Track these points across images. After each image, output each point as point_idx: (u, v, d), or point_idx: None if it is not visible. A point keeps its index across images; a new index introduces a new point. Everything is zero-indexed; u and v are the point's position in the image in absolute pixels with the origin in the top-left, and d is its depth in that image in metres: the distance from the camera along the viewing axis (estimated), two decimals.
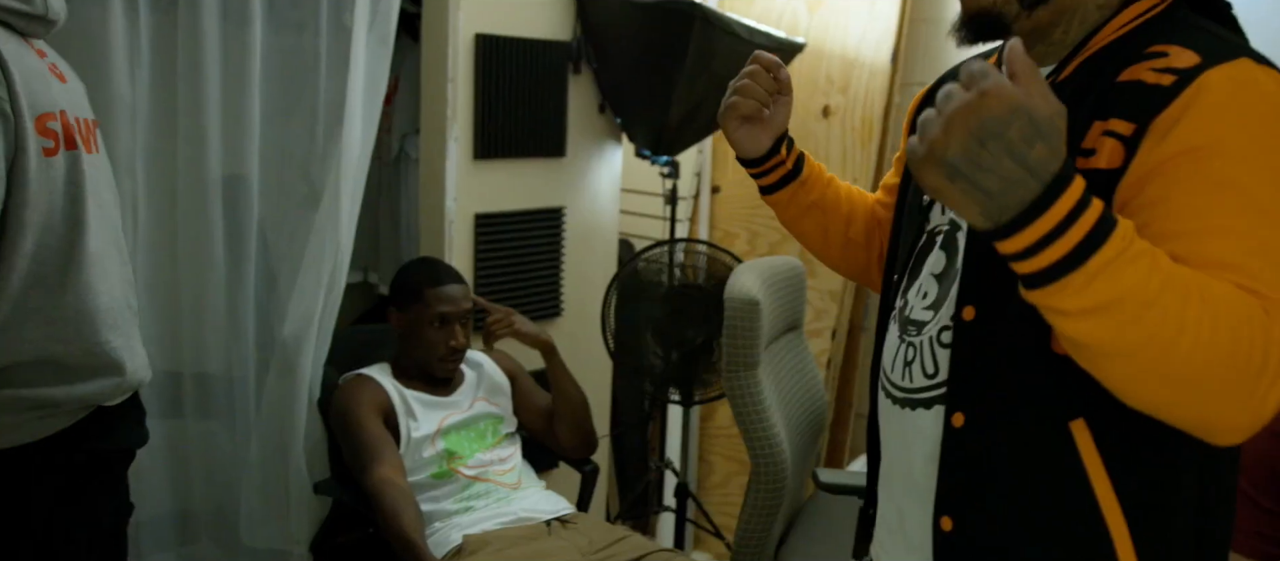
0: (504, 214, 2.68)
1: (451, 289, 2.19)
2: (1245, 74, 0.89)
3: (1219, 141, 0.86)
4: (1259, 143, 0.86)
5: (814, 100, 3.16)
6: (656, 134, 2.76)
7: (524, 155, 2.70)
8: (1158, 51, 0.93)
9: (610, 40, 2.70)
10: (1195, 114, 0.88)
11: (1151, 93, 0.90)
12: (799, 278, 2.44)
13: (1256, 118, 0.87)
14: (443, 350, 2.17)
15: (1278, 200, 0.85)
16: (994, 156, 0.77)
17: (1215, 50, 0.91)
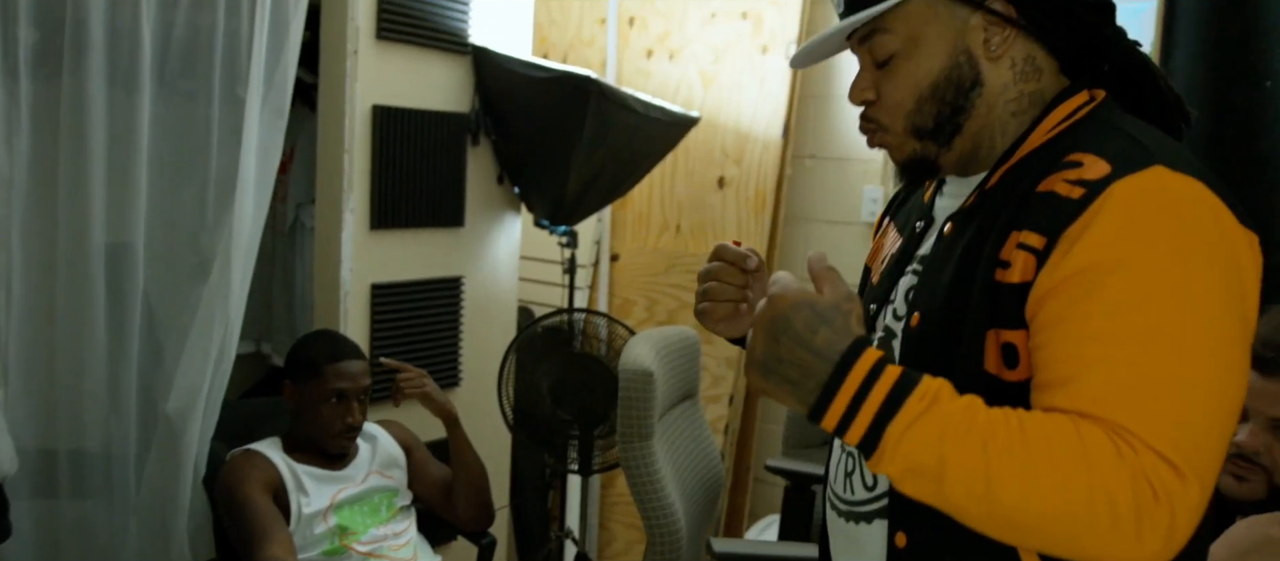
0: (401, 284, 2.66)
1: (351, 365, 2.16)
2: (1153, 184, 0.85)
3: (1116, 260, 0.84)
4: (1157, 262, 0.83)
5: (709, 172, 3.25)
6: (555, 204, 2.80)
7: (422, 225, 2.70)
8: (1074, 160, 0.90)
9: (509, 112, 2.74)
10: (1096, 229, 0.85)
11: (1062, 205, 0.88)
12: (693, 347, 2.49)
13: (1157, 233, 0.84)
14: (338, 427, 2.13)
15: (1169, 325, 0.82)
16: (788, 349, 0.85)
17: (1129, 158, 0.88)
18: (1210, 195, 0.85)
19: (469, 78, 2.74)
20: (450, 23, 2.65)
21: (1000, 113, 1.00)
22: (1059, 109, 0.98)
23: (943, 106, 0.99)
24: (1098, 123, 0.95)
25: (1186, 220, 0.84)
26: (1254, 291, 0.87)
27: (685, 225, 3.32)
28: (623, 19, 3.44)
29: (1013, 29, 0.97)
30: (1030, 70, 0.99)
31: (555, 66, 2.74)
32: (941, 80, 0.99)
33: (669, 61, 3.33)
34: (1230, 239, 0.85)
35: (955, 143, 1.01)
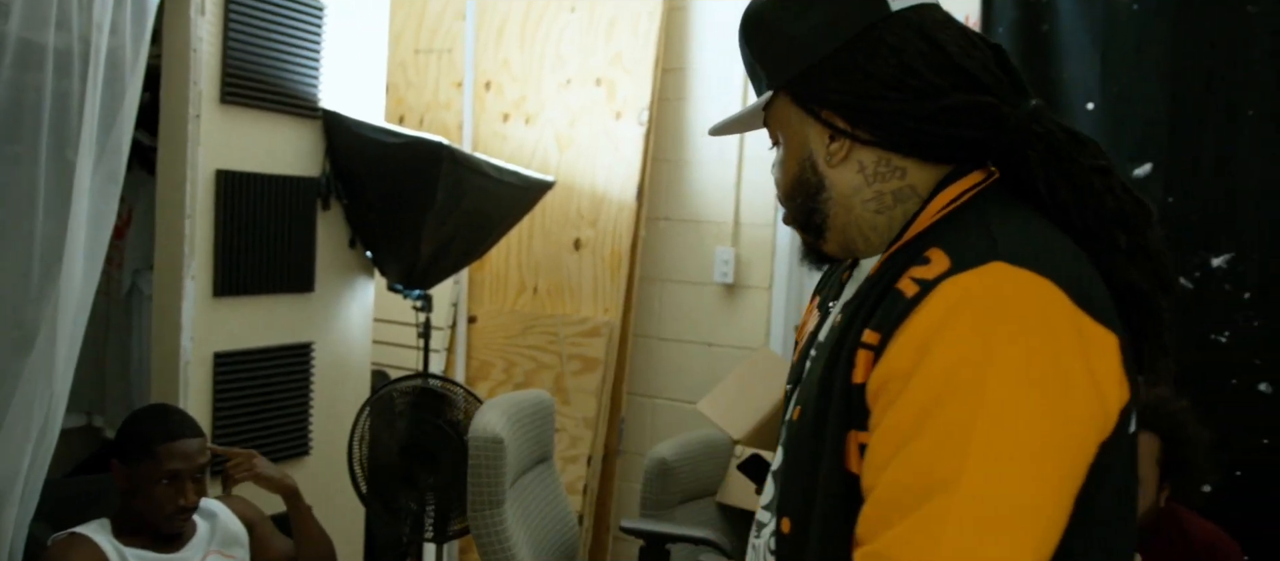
0: (247, 351, 2.59)
1: (186, 444, 2.05)
2: (982, 281, 0.82)
3: (925, 361, 0.81)
4: (963, 360, 0.80)
5: (566, 233, 3.30)
6: (408, 268, 2.78)
7: (269, 291, 2.63)
8: (926, 255, 0.87)
9: (360, 177, 2.72)
10: (914, 329, 0.83)
11: (898, 302, 0.86)
12: (547, 410, 2.50)
13: (970, 332, 0.81)
14: (170, 509, 2.02)
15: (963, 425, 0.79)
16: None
17: (974, 252, 0.84)
18: (1052, 290, 0.81)
19: (319, 142, 2.71)
20: (299, 87, 2.62)
21: (859, 212, 0.97)
22: (945, 193, 0.93)
23: (800, 207, 1.01)
24: (967, 212, 0.91)
25: (1006, 315, 0.80)
26: (1087, 388, 0.81)
27: (542, 286, 3.35)
28: (479, 83, 3.47)
29: (847, 140, 0.95)
30: (886, 170, 0.95)
31: (407, 132, 2.74)
32: (795, 183, 1.00)
33: (525, 125, 3.38)
34: (1058, 333, 0.81)
35: (828, 236, 1.01)
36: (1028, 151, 0.89)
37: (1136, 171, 2.22)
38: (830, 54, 0.94)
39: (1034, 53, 2.31)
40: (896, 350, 0.83)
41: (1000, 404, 0.78)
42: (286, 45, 2.58)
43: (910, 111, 0.92)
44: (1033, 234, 0.87)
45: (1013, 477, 0.78)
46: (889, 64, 0.92)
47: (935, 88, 0.91)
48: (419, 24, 3.61)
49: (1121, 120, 2.21)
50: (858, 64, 0.93)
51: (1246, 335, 2.14)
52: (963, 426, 0.78)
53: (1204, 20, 2.13)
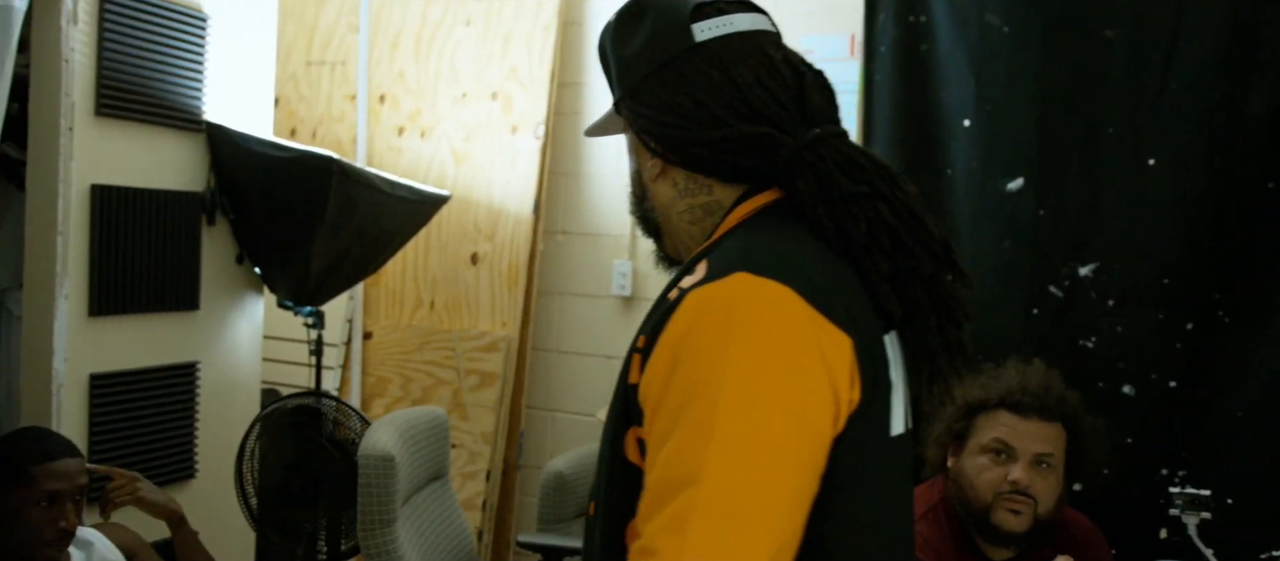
0: (126, 373, 2.49)
1: (65, 463, 1.95)
2: (721, 290, 0.89)
3: (675, 366, 0.88)
4: (705, 363, 0.87)
5: (463, 247, 3.27)
6: (299, 284, 2.73)
7: (151, 310, 2.55)
8: (695, 266, 0.95)
9: (248, 192, 2.66)
10: (668, 335, 0.90)
11: (662, 307, 0.93)
12: (441, 427, 2.48)
13: (710, 337, 0.88)
14: (51, 533, 1.91)
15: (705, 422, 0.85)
16: None
17: (724, 263, 0.92)
18: (788, 295, 0.88)
19: (203, 156, 2.63)
20: (180, 100, 2.55)
21: (677, 222, 1.06)
22: (739, 209, 1.01)
23: (637, 210, 1.11)
24: (741, 229, 0.99)
25: (743, 319, 0.88)
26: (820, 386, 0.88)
27: (439, 301, 3.32)
28: (373, 96, 3.43)
29: (659, 160, 1.04)
30: (695, 187, 1.04)
31: (296, 146, 2.69)
32: (634, 185, 1.11)
33: (421, 139, 3.35)
34: (793, 335, 0.88)
35: (661, 240, 1.11)
36: (795, 179, 0.97)
37: (1010, 186, 2.32)
38: (642, 80, 1.03)
39: (914, 72, 2.39)
40: (657, 356, 0.91)
41: (737, 400, 0.86)
42: (166, 56, 2.51)
43: (696, 138, 1.00)
44: (783, 247, 0.94)
45: (750, 469, 0.85)
46: (682, 94, 1.00)
47: (718, 118, 0.99)
48: (311, 36, 3.55)
49: (995, 137, 2.31)
50: (659, 92, 1.02)
51: (1111, 340, 2.25)
52: (705, 424, 0.86)
53: (1068, 44, 2.24)
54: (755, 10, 1.05)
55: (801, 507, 0.88)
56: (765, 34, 1.03)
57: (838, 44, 2.89)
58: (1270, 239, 2.14)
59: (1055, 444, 1.89)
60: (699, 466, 0.85)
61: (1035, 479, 1.84)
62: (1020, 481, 1.83)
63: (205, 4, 2.61)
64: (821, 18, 2.89)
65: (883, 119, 2.44)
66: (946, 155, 2.37)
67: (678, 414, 0.87)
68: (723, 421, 0.85)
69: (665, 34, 1.02)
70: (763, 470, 0.86)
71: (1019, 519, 1.84)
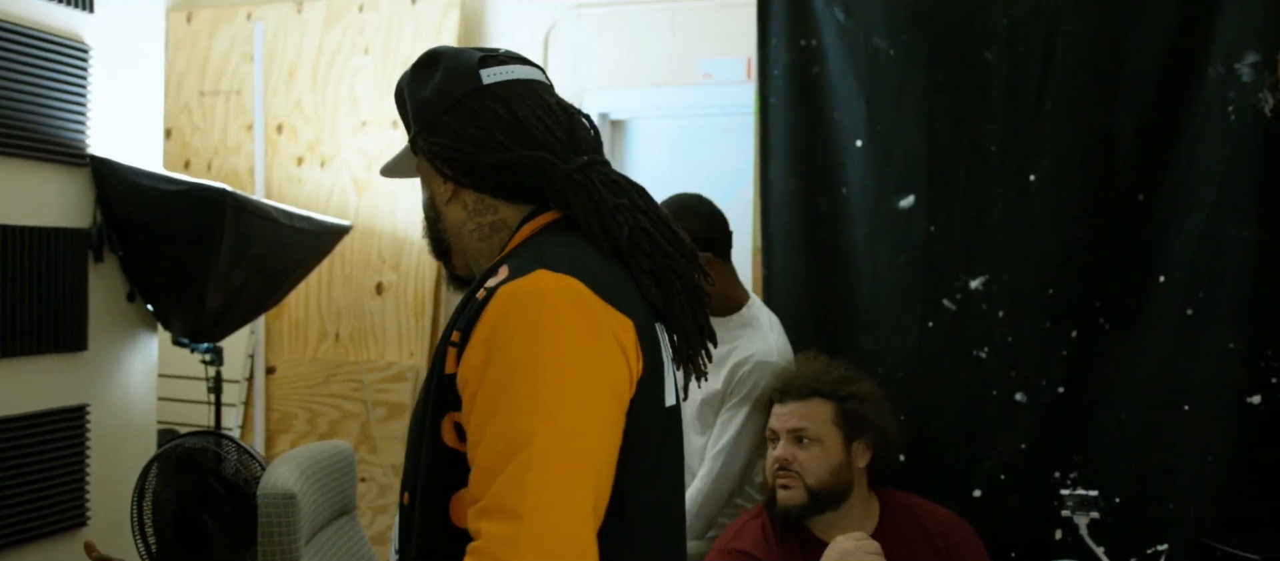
0: (9, 419, 2.39)
1: None
2: (527, 284, 1.05)
3: (493, 352, 1.03)
4: (520, 344, 1.02)
5: (367, 277, 3.23)
6: (195, 321, 2.65)
7: (36, 352, 2.44)
8: (497, 270, 1.10)
9: (137, 227, 2.57)
10: (483, 326, 1.05)
11: (473, 305, 1.08)
12: (347, 461, 2.42)
13: (522, 323, 1.03)
14: None
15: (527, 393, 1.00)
16: None
17: (523, 265, 1.08)
18: (580, 287, 1.06)
19: (89, 191, 2.54)
20: (63, 133, 2.46)
21: (468, 239, 1.23)
22: (528, 226, 1.19)
23: (430, 233, 1.27)
24: (532, 239, 1.17)
25: (548, 307, 1.04)
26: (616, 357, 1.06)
27: (345, 332, 3.26)
28: (270, 126, 3.36)
29: (452, 185, 1.21)
30: (482, 207, 1.21)
31: (186, 178, 2.62)
32: (425, 215, 1.27)
33: (321, 169, 3.29)
34: (588, 316, 1.05)
35: (450, 258, 1.27)
36: (569, 195, 1.16)
37: (902, 203, 2.40)
38: (438, 116, 1.20)
39: (807, 94, 2.45)
40: (472, 346, 1.05)
41: (553, 372, 1.01)
42: (46, 88, 2.42)
43: (483, 162, 1.18)
44: (571, 251, 1.12)
45: (572, 430, 1.01)
46: (472, 125, 1.19)
47: (502, 144, 1.18)
48: (204, 65, 3.47)
49: (886, 156, 2.38)
50: (452, 125, 1.19)
51: (1002, 350, 2.34)
52: (527, 396, 1.00)
53: (951, 66, 2.33)
54: (532, 65, 1.25)
55: (612, 463, 1.05)
56: (541, 83, 1.24)
57: (735, 68, 2.94)
58: (1143, 248, 2.25)
59: (812, 418, 2.03)
60: (529, 430, 0.99)
61: (796, 453, 2.02)
62: (781, 458, 2.03)
63: (87, 35, 2.53)
64: (718, 42, 2.94)
65: (779, 140, 2.49)
66: (842, 174, 2.43)
67: (499, 391, 1.01)
68: (543, 391, 1.00)
69: (457, 77, 1.20)
70: (582, 429, 1.02)
71: (790, 493, 2.01)
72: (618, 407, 1.06)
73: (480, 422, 1.02)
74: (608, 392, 1.05)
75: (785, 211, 2.49)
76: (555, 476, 0.98)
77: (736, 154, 3.02)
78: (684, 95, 3.02)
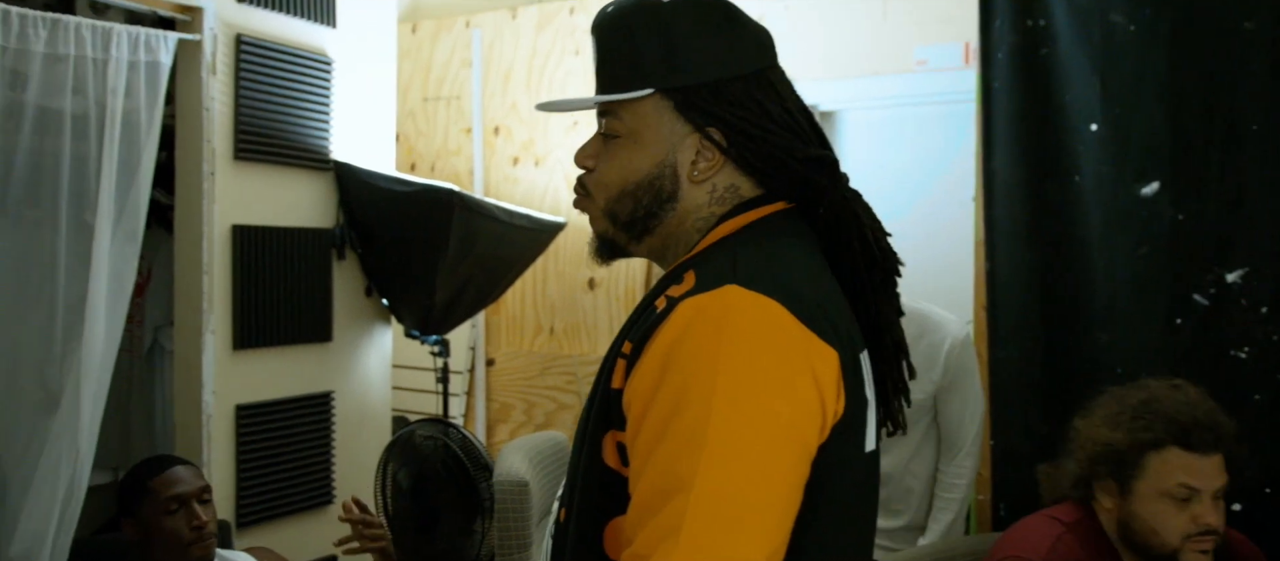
0: (268, 403, 2.61)
1: (177, 470, 1.98)
2: (712, 302, 0.90)
3: (665, 375, 0.88)
4: (696, 373, 0.87)
5: (580, 273, 3.32)
6: (424, 314, 2.81)
7: (288, 342, 2.66)
8: (684, 276, 0.96)
9: (374, 226, 2.76)
10: (657, 344, 0.90)
11: (650, 316, 0.94)
12: (564, 451, 2.51)
13: (701, 347, 0.88)
14: (188, 534, 1.94)
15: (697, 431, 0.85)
16: None
17: (713, 276, 0.93)
18: (778, 309, 0.90)
19: (332, 193, 2.75)
20: (310, 141, 2.67)
21: (688, 227, 1.04)
22: (725, 225, 1.02)
23: (638, 206, 1.03)
24: (728, 242, 1.00)
25: (733, 332, 0.88)
26: (809, 398, 0.90)
27: (558, 327, 3.37)
28: (488, 129, 3.52)
29: (722, 158, 1.02)
30: (729, 196, 1.03)
31: (418, 180, 2.78)
32: (644, 182, 1.03)
33: (535, 168, 3.42)
34: (782, 348, 0.89)
35: (645, 240, 1.06)
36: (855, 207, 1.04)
37: (1144, 190, 2.22)
38: (729, 79, 1.01)
39: (1034, 77, 2.32)
40: (644, 364, 0.91)
41: (729, 409, 0.86)
42: (296, 100, 2.63)
43: (789, 149, 1.01)
44: (775, 262, 0.96)
45: (741, 477, 0.86)
46: (777, 106, 1.02)
47: (807, 136, 1.03)
48: (426, 73, 3.67)
49: (1124, 140, 2.21)
50: (754, 96, 1.01)
51: (1266, 349, 2.13)
52: (697, 431, 0.86)
53: (1202, 40, 2.14)
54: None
55: (788, 517, 0.89)
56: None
57: (952, 53, 2.83)
58: None
59: (1224, 472, 1.76)
60: (691, 473, 0.85)
61: (1217, 514, 1.73)
62: (1213, 525, 1.71)
63: (330, 48, 2.73)
64: (934, 27, 2.84)
65: (1003, 126, 2.37)
66: (1073, 160, 2.28)
67: (667, 420, 0.87)
68: (715, 429, 0.86)
69: (760, 43, 1.04)
70: (753, 477, 0.86)
71: (1207, 557, 1.73)
72: (802, 455, 0.90)
73: (643, 452, 0.89)
74: (792, 437, 0.89)
75: (1011, 201, 2.37)
76: (716, 530, 0.84)
77: (953, 143, 2.91)
78: (896, 84, 2.93)
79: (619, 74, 1.03)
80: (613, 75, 1.04)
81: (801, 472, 0.90)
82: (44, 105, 2.10)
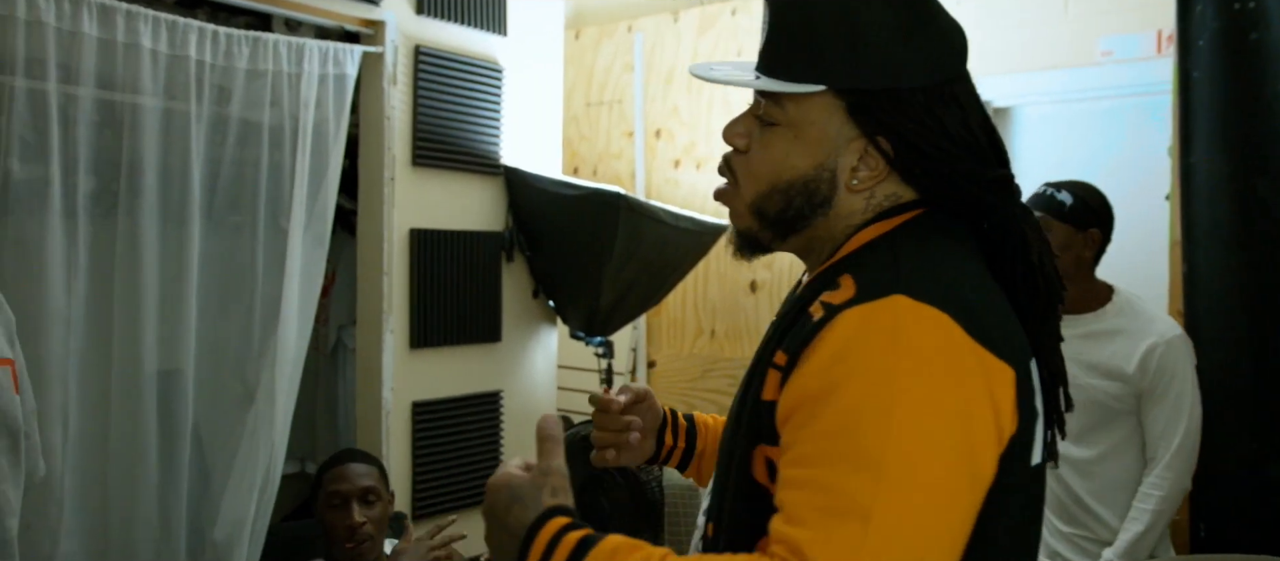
0: (441, 400, 2.71)
1: (348, 467, 2.04)
2: (881, 314, 0.85)
3: (832, 388, 0.84)
4: (866, 388, 0.83)
5: (742, 275, 3.29)
6: (590, 316, 2.85)
7: (460, 342, 2.75)
8: (839, 280, 0.91)
9: (542, 229, 2.81)
10: (818, 356, 0.86)
11: (806, 325, 0.89)
12: None
13: (874, 364, 0.83)
14: (340, 532, 2.00)
15: (868, 450, 0.81)
16: (495, 529, 0.92)
17: (875, 283, 0.88)
18: (950, 324, 0.85)
19: (502, 197, 2.82)
20: (482, 146, 2.75)
21: (837, 230, 0.98)
22: (879, 224, 0.96)
23: (789, 207, 0.97)
24: (885, 243, 0.94)
25: (908, 349, 0.83)
26: (986, 420, 0.85)
27: (720, 329, 3.35)
28: (649, 132, 3.54)
29: (886, 169, 0.95)
30: (886, 204, 0.97)
31: (585, 184, 2.82)
32: (799, 182, 0.96)
33: (696, 171, 3.41)
34: (958, 368, 0.84)
35: (790, 238, 1.00)
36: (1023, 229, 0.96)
37: None
38: (914, 89, 0.94)
39: (1241, 64, 2.14)
40: (803, 375, 0.86)
41: (908, 434, 0.81)
42: (470, 107, 2.72)
43: (961, 170, 0.95)
44: (940, 269, 0.91)
45: (923, 507, 0.81)
46: (957, 121, 0.94)
47: (985, 155, 0.96)
48: (589, 78, 3.73)
49: None
50: (934, 110, 0.94)
51: None
52: (873, 456, 0.81)
53: None
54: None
55: (961, 546, 0.85)
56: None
57: (1142, 42, 2.66)
58: None
59: None
60: (867, 504, 0.79)
61: None
62: None
63: (500, 57, 2.81)
64: (1122, 15, 2.67)
65: (1205, 119, 2.20)
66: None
67: (835, 438, 0.83)
68: (894, 456, 0.81)
69: (953, 50, 0.97)
70: (935, 508, 0.82)
71: None
72: (980, 485, 0.86)
73: (802, 463, 0.84)
74: (971, 465, 0.84)
75: (1213, 199, 2.20)
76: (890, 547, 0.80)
77: (1141, 138, 2.73)
78: (1079, 77, 2.77)
79: (792, 61, 0.95)
80: (784, 61, 0.96)
81: (977, 500, 0.86)
82: (246, 118, 2.24)
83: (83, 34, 1.93)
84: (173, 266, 2.17)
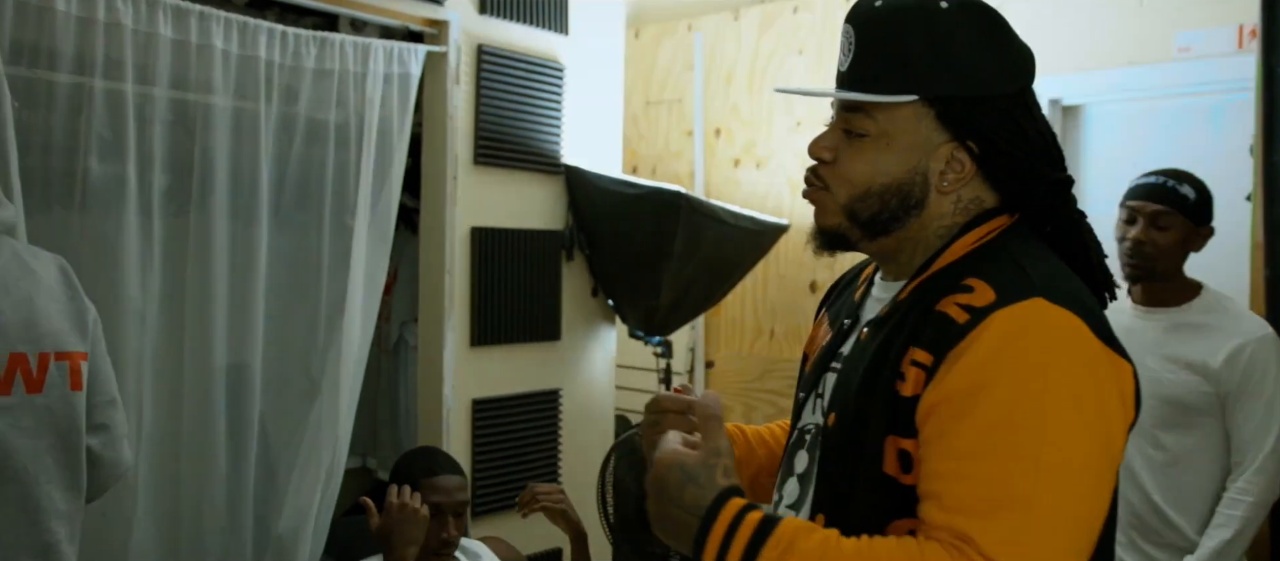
0: (501, 398, 2.72)
1: (446, 479, 2.13)
2: (1029, 316, 0.93)
3: (988, 383, 0.91)
4: (1024, 386, 0.90)
5: (801, 276, 3.26)
6: (649, 315, 2.84)
7: (520, 340, 2.76)
8: (968, 284, 0.98)
9: (601, 228, 2.81)
10: (973, 353, 0.93)
11: (950, 327, 0.95)
12: None
13: (1026, 360, 0.91)
14: (433, 543, 2.10)
15: (1027, 444, 0.89)
16: (665, 507, 0.95)
17: (1013, 287, 0.95)
18: (1082, 327, 0.94)
19: (562, 196, 2.83)
20: (544, 145, 2.76)
21: (929, 233, 1.06)
22: (973, 232, 1.05)
23: (883, 209, 1.04)
24: (997, 249, 1.02)
25: (1055, 349, 0.92)
26: (1119, 413, 0.96)
27: (779, 330, 3.33)
28: (709, 131, 3.52)
29: (973, 171, 1.04)
30: (972, 207, 1.06)
31: (645, 183, 2.82)
32: (892, 186, 1.04)
33: (756, 170, 3.39)
34: (1096, 366, 0.94)
35: (879, 239, 1.07)
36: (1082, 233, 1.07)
37: None
38: (996, 95, 1.03)
39: None
40: (955, 372, 0.93)
41: (1063, 433, 0.90)
42: (531, 106, 2.73)
43: (1037, 171, 1.04)
44: (1057, 274, 1.00)
45: (1074, 494, 0.90)
46: (1032, 126, 1.04)
47: (1055, 160, 1.06)
48: (649, 77, 3.72)
49: None
50: (1013, 115, 1.03)
51: None
52: (1031, 449, 0.89)
53: None
54: None
55: (1101, 525, 0.95)
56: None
57: (1222, 38, 2.57)
58: None
59: None
60: (1027, 495, 0.88)
61: None
62: None
63: (562, 56, 2.82)
64: (1202, 9, 2.59)
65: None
66: None
67: (992, 432, 0.90)
68: (1050, 449, 0.89)
69: (1026, 61, 1.06)
70: (1084, 494, 0.91)
71: None
72: (1114, 471, 0.96)
73: (958, 456, 0.91)
74: (1111, 455, 0.95)
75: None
76: (1059, 545, 0.89)
77: (1220, 136, 2.64)
78: (1153, 74, 2.70)
79: (881, 73, 1.03)
80: (873, 73, 1.03)
81: (1113, 487, 0.97)
82: (312, 117, 2.28)
83: (158, 35, 1.97)
84: (242, 263, 2.21)
